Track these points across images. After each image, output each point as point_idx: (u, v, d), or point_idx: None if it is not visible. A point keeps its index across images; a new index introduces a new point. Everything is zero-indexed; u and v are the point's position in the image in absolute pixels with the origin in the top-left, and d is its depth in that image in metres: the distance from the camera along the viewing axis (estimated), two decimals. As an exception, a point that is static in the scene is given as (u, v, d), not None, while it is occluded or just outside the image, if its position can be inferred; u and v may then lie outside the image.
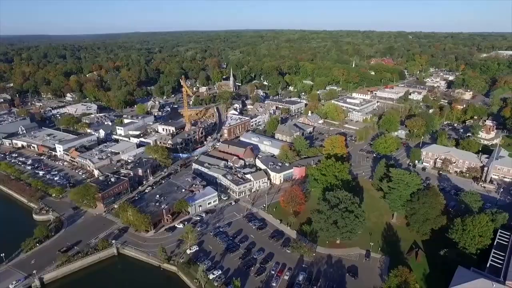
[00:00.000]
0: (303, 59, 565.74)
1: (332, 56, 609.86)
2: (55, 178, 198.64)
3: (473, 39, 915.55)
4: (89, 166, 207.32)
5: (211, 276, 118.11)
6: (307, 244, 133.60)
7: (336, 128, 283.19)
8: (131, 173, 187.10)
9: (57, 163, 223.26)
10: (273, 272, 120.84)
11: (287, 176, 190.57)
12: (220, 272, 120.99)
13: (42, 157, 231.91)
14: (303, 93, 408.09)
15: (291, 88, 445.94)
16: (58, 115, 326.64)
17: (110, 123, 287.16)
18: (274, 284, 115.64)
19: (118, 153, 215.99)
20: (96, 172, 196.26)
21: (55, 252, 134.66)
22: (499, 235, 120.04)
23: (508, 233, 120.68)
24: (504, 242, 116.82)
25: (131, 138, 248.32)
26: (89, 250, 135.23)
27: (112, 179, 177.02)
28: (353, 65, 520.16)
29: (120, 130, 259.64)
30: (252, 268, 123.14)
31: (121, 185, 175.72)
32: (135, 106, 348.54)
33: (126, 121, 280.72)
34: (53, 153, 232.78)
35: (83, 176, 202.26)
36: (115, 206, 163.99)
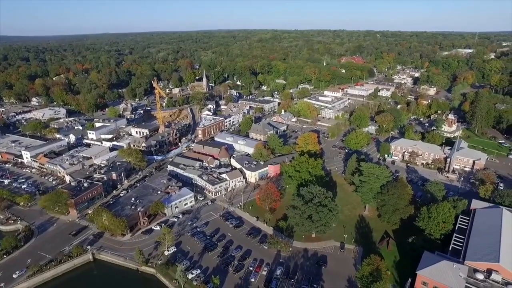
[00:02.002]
0: (275, 59, 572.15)
1: (304, 55, 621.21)
2: (23, 186, 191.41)
3: (435, 37, 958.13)
4: (59, 172, 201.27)
5: (190, 276, 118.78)
6: (283, 239, 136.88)
7: (309, 126, 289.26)
8: (105, 178, 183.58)
9: (24, 170, 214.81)
10: (251, 268, 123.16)
11: (262, 174, 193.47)
12: (199, 271, 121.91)
13: (6, 165, 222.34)
14: (276, 92, 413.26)
15: (264, 87, 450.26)
16: (23, 121, 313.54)
17: (80, 128, 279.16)
18: (252, 280, 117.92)
19: (91, 157, 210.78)
20: (67, 178, 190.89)
21: (25, 262, 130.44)
22: (460, 220, 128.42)
23: (467, 218, 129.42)
24: (463, 226, 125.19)
25: (103, 142, 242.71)
26: (62, 258, 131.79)
27: (85, 184, 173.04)
28: (324, 64, 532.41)
29: (91, 134, 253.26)
30: (231, 266, 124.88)
31: (95, 190, 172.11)
32: (107, 109, 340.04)
33: (97, 124, 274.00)
34: (20, 160, 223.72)
35: (54, 182, 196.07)
36: (89, 212, 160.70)
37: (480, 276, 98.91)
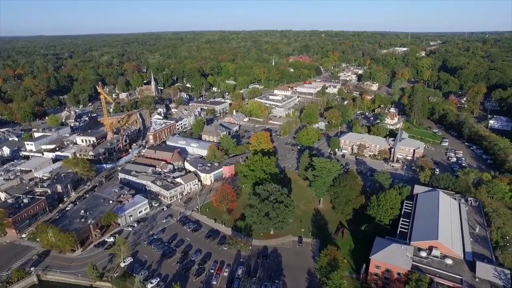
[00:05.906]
0: (224, 60, 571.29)
1: (253, 56, 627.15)
2: None
3: (375, 37, 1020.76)
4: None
5: (149, 286, 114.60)
6: (242, 239, 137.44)
7: (261, 125, 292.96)
8: (49, 191, 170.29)
9: None
10: (212, 271, 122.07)
11: (217, 175, 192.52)
12: (158, 279, 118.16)
13: None
14: (226, 93, 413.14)
15: (214, 88, 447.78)
16: None
17: (16, 139, 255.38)
18: (214, 283, 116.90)
19: (30, 170, 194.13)
20: (2, 195, 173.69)
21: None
22: (405, 205, 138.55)
23: (411, 203, 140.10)
24: (408, 211, 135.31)
25: (44, 153, 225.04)
26: None
27: (25, 200, 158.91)
28: (273, 63, 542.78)
29: (30, 146, 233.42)
30: (191, 270, 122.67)
31: (37, 205, 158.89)
32: (47, 117, 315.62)
33: (37, 134, 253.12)
34: None
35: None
36: (31, 230, 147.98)
37: (423, 254, 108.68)
